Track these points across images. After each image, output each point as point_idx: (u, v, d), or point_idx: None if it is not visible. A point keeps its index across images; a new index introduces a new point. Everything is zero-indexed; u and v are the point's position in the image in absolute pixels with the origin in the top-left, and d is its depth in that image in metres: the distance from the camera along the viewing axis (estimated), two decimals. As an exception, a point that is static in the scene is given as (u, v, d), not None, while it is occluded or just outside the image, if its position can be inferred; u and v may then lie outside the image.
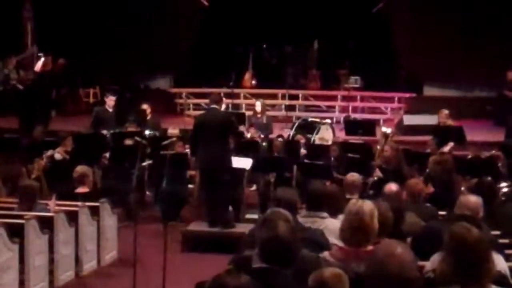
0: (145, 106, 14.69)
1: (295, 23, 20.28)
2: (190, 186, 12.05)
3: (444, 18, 18.49)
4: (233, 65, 18.89)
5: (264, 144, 13.37)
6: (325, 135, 14.50)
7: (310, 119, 15.70)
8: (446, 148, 12.30)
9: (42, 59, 16.49)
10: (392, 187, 7.39)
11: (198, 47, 20.45)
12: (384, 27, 19.71)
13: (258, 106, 15.25)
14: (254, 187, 12.59)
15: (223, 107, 11.31)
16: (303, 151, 12.83)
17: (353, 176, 8.28)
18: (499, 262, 4.89)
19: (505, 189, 9.52)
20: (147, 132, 13.15)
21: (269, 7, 20.53)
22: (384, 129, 12.71)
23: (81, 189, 9.45)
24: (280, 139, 13.61)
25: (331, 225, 5.90)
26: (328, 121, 15.76)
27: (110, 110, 14.24)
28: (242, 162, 11.22)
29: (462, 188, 9.49)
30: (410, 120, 16.05)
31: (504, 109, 16.01)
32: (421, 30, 18.86)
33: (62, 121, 17.24)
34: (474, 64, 18.08)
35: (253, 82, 20.11)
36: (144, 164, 11.69)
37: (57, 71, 18.21)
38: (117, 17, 19.63)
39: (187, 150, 12.19)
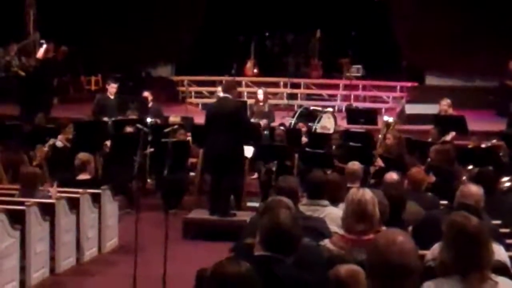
0: (146, 94, 14.69)
1: (298, 12, 20.26)
2: (191, 174, 12.06)
3: (446, 7, 18.43)
4: (235, 53, 18.87)
5: (265, 132, 13.37)
6: (326, 124, 14.48)
7: (311, 108, 15.68)
8: (448, 138, 12.27)
9: (44, 46, 16.44)
10: (393, 175, 7.40)
11: (200, 35, 20.40)
12: (386, 16, 19.66)
13: (260, 94, 15.21)
14: (255, 175, 12.58)
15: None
16: (304, 139, 12.83)
17: (355, 165, 8.29)
18: (500, 252, 4.89)
19: (507, 184, 9.48)
20: (148, 119, 13.15)
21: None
22: (385, 118, 12.71)
23: (82, 176, 9.47)
24: (281, 127, 13.59)
25: (332, 213, 5.92)
26: (330, 109, 15.71)
27: (112, 97, 14.27)
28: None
29: (463, 178, 9.48)
30: (411, 109, 16.02)
31: (506, 99, 15.98)
32: (423, 19, 18.79)
33: (64, 108, 17.22)
34: (475, 53, 18.01)
35: (255, 70, 20.08)
36: (145, 151, 11.69)
37: (59, 58, 18.19)
38: (119, 4, 19.58)
39: (189, 138, 12.21)
